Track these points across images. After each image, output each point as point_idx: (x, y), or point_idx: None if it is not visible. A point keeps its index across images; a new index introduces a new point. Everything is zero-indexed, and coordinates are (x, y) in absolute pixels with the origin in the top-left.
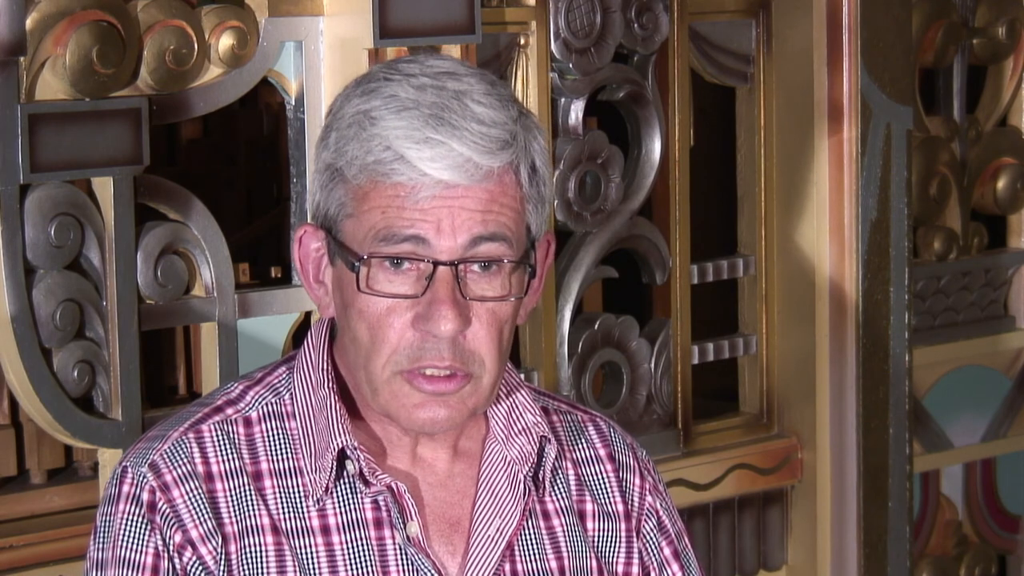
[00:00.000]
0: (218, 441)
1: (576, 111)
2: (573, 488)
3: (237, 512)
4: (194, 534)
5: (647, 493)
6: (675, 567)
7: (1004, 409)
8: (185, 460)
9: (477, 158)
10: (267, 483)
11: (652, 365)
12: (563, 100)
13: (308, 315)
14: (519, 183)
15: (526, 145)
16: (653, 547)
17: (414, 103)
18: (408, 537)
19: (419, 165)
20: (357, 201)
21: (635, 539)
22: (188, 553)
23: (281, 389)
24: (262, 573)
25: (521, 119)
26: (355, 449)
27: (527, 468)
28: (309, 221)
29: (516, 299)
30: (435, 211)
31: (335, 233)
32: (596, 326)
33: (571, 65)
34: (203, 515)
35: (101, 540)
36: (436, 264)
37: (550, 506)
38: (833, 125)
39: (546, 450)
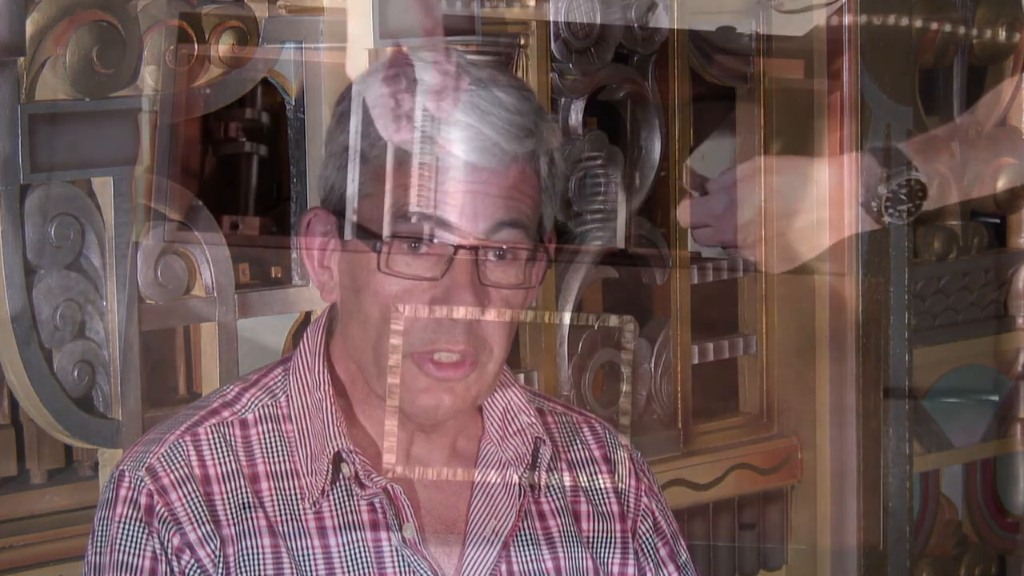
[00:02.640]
0: (215, 444)
1: (576, 111)
2: (568, 489)
3: (234, 514)
4: (192, 537)
5: (643, 494)
6: (671, 568)
7: (1004, 409)
8: (182, 463)
9: (504, 143)
10: (264, 485)
11: (652, 365)
12: (563, 100)
13: (308, 315)
14: (538, 173)
15: (546, 137)
16: (649, 548)
17: (441, 86)
18: (404, 539)
19: (447, 146)
20: (378, 182)
21: (631, 540)
22: (186, 556)
23: (277, 391)
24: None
25: (540, 112)
26: (351, 452)
27: (522, 469)
28: (318, 205)
29: (529, 288)
30: (459, 195)
31: (350, 214)
32: (596, 326)
33: (571, 65)
34: (201, 518)
35: (99, 544)
36: (457, 248)
37: (545, 507)
38: (833, 125)
39: (541, 451)
